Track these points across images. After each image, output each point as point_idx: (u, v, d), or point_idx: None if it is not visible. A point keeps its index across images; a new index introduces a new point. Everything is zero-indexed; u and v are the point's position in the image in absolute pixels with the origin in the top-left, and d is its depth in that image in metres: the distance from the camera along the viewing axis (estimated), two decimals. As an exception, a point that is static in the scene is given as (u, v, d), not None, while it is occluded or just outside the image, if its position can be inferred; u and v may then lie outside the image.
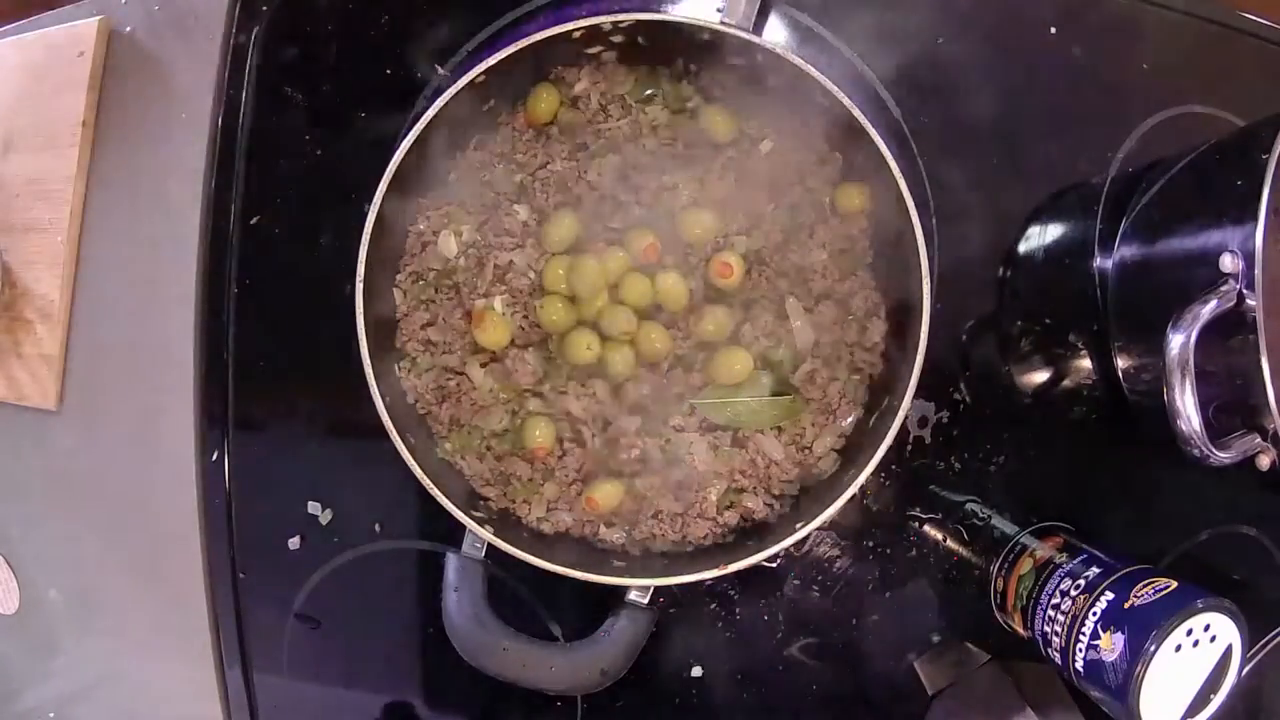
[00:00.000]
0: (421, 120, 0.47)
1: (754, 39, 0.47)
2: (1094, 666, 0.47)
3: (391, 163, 0.48)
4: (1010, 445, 0.59)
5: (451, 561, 0.51)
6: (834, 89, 0.46)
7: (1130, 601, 0.47)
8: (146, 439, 0.64)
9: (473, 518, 0.50)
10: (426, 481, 0.49)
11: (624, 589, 0.51)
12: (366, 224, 0.48)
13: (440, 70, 0.58)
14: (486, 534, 0.49)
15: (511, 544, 0.50)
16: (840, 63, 0.58)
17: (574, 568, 0.49)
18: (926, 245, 0.48)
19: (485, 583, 0.51)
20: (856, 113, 0.46)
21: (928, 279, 0.48)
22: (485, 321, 0.52)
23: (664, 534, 0.54)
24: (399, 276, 0.55)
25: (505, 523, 0.54)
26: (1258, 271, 0.43)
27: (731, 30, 0.46)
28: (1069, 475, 0.60)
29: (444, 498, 0.49)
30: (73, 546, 0.66)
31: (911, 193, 0.48)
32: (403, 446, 0.49)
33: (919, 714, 0.57)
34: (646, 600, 0.51)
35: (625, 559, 0.54)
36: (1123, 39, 0.62)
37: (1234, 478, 0.47)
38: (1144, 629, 0.45)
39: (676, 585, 0.50)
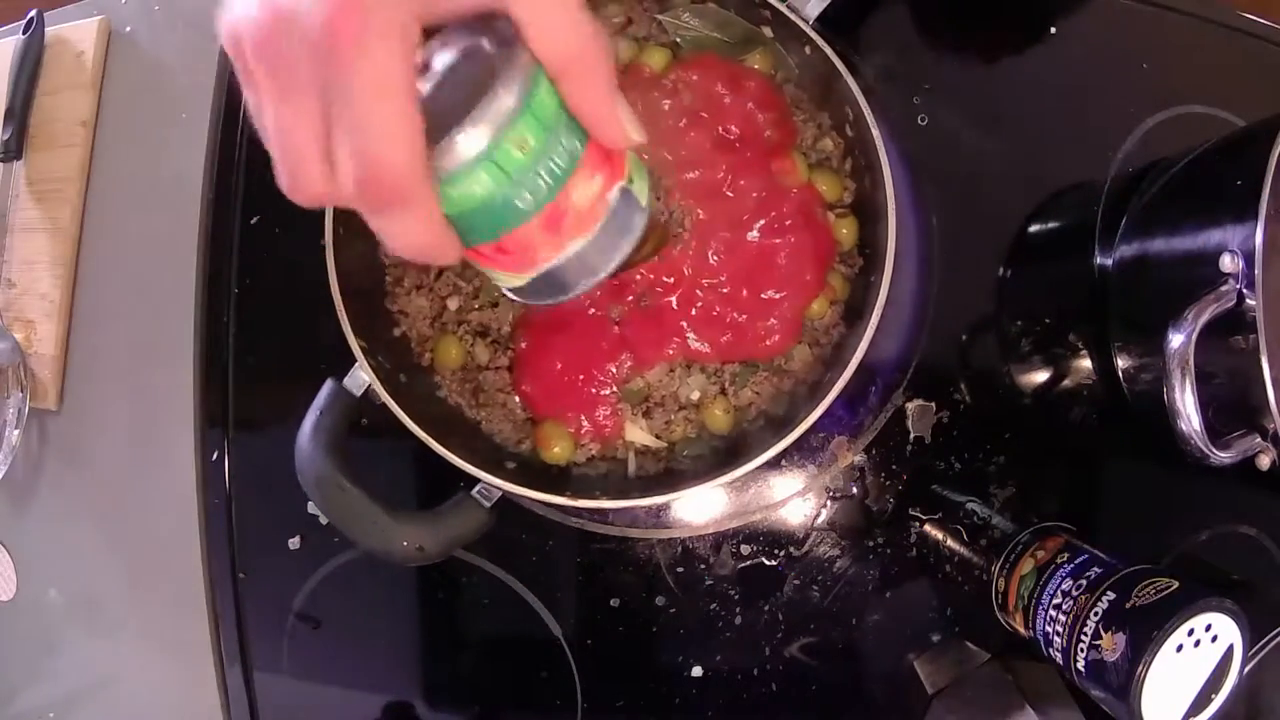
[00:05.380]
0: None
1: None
2: (1095, 666, 0.47)
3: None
4: (1010, 445, 0.59)
5: (328, 386, 0.49)
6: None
7: (1132, 601, 0.47)
8: (146, 439, 0.64)
9: (371, 360, 0.48)
10: (336, 290, 0.48)
11: (476, 482, 0.49)
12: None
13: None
14: (368, 373, 0.48)
15: (391, 394, 0.48)
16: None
17: (437, 439, 0.47)
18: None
19: (349, 419, 0.49)
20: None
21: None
22: None
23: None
24: None
25: (405, 385, 0.52)
26: (1258, 271, 0.43)
27: None
28: (1069, 475, 0.60)
29: (344, 315, 0.48)
30: (73, 546, 0.66)
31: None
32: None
33: (919, 714, 0.57)
34: (490, 502, 0.49)
35: (514, 462, 0.53)
36: (1123, 39, 0.62)
37: (1234, 478, 0.47)
38: (1146, 629, 0.45)
39: (522, 495, 0.48)
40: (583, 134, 0.31)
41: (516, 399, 0.54)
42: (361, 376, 0.49)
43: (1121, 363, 0.56)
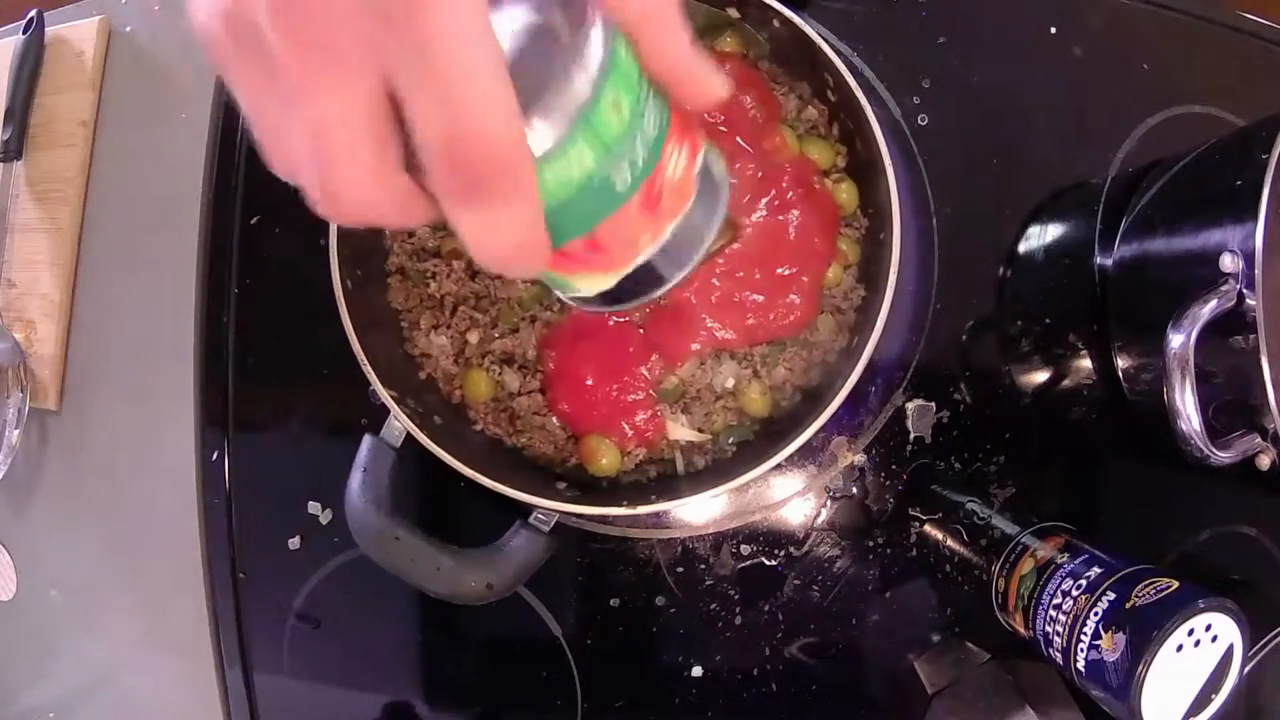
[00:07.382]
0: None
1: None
2: (1095, 666, 0.47)
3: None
4: (1010, 445, 0.59)
5: (366, 442, 0.50)
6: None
7: (1132, 601, 0.47)
8: (146, 439, 0.64)
9: (404, 408, 0.49)
10: (357, 346, 0.48)
11: (531, 509, 0.49)
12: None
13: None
14: (404, 423, 0.48)
15: (431, 437, 0.48)
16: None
17: (485, 474, 0.47)
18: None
19: (394, 471, 0.49)
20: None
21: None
22: None
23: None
24: None
25: (441, 426, 0.52)
26: (1258, 271, 0.43)
27: None
28: (1069, 475, 0.60)
29: (371, 371, 0.48)
30: (73, 546, 0.66)
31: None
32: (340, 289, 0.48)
33: (919, 714, 0.57)
34: (548, 527, 0.50)
35: (564, 483, 0.54)
36: (1123, 39, 0.62)
37: (1234, 478, 0.47)
38: (1146, 629, 0.45)
39: (580, 514, 0.49)
40: (663, 99, 0.28)
41: (554, 419, 0.54)
42: (398, 426, 0.49)
43: (1121, 363, 0.56)
